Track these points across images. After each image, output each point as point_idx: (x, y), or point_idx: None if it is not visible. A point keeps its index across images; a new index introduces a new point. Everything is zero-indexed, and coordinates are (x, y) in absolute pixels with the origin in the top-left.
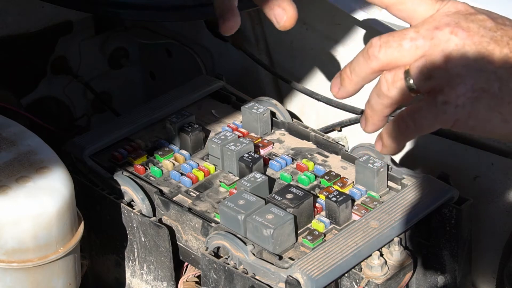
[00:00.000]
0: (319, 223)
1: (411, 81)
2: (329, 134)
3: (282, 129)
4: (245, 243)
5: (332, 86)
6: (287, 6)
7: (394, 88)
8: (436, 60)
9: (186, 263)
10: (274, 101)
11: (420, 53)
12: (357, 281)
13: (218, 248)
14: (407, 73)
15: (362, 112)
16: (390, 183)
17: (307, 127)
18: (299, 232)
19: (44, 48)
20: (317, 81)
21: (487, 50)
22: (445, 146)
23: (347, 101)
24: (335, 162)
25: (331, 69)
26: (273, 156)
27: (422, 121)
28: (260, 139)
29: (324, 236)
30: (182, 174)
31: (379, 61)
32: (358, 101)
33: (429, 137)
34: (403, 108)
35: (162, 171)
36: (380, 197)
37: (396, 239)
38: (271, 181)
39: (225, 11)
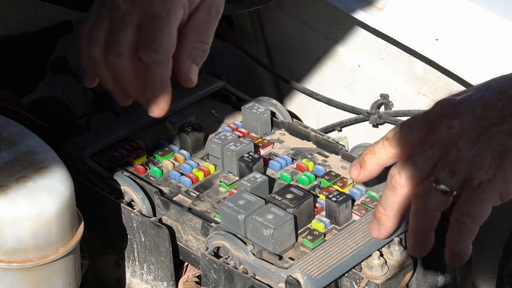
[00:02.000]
0: (319, 223)
1: (442, 186)
2: (329, 134)
3: (282, 129)
4: (245, 243)
5: (371, 228)
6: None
7: (430, 199)
8: (451, 157)
9: (186, 263)
10: (274, 101)
11: (436, 160)
12: (357, 281)
13: (218, 248)
14: (434, 182)
15: (364, 112)
16: None
17: (307, 127)
18: (299, 232)
19: (44, 48)
20: (317, 81)
21: (483, 118)
22: None
23: (347, 101)
24: (335, 162)
25: (331, 69)
26: (273, 156)
27: (474, 211)
28: (260, 139)
29: (324, 236)
30: (182, 174)
31: (405, 186)
32: (358, 101)
33: None
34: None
35: (162, 171)
36: (380, 197)
37: (396, 239)
38: (271, 181)
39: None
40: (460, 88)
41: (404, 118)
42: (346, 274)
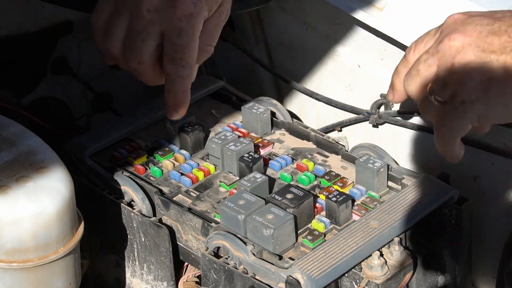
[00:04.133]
0: (319, 223)
1: (434, 96)
2: (329, 134)
3: (282, 129)
4: (245, 243)
5: (388, 94)
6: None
7: (427, 108)
8: (444, 68)
9: (186, 263)
10: (274, 101)
11: (434, 69)
12: (357, 281)
13: (218, 248)
14: (430, 91)
15: (364, 112)
16: (390, 183)
17: (307, 127)
18: (299, 232)
19: (44, 48)
20: (317, 81)
21: (486, 43)
22: None
23: (347, 101)
24: (335, 162)
25: (331, 69)
26: (273, 156)
27: (451, 125)
28: (260, 139)
29: (324, 236)
30: (182, 174)
31: (411, 92)
32: (358, 101)
33: (430, 138)
34: None
35: (162, 171)
36: (380, 197)
37: (396, 239)
38: (271, 181)
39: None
40: None
41: (404, 118)
42: (346, 274)
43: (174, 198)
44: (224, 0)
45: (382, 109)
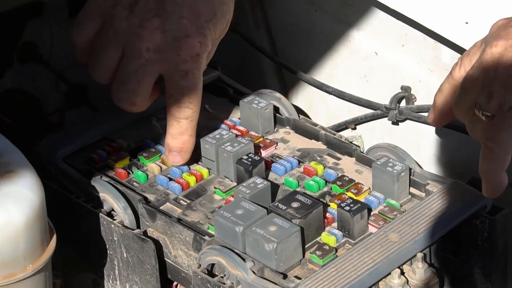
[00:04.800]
0: (330, 236)
1: (482, 111)
2: (341, 133)
3: (287, 127)
4: (243, 260)
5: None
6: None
7: (475, 127)
8: (489, 77)
9: (175, 283)
10: (278, 95)
11: (480, 81)
12: None
13: (213, 265)
14: (476, 107)
15: (382, 107)
16: (413, 190)
17: (316, 125)
18: (306, 246)
19: (9, 33)
20: (327, 71)
21: None
22: (476, 148)
23: (363, 95)
24: (348, 165)
25: (344, 57)
26: (277, 158)
27: (501, 137)
28: (261, 139)
29: (336, 251)
30: (170, 179)
31: (459, 114)
32: (375, 94)
33: (458, 138)
34: None
35: (147, 175)
36: (400, 206)
37: (420, 255)
38: (274, 187)
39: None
40: None
41: None
42: None
43: (161, 207)
44: (228, 21)
45: (403, 103)
